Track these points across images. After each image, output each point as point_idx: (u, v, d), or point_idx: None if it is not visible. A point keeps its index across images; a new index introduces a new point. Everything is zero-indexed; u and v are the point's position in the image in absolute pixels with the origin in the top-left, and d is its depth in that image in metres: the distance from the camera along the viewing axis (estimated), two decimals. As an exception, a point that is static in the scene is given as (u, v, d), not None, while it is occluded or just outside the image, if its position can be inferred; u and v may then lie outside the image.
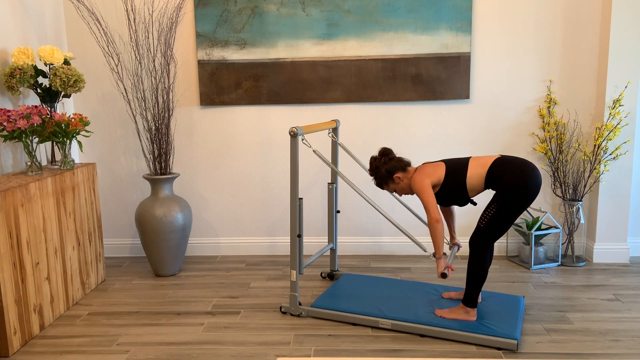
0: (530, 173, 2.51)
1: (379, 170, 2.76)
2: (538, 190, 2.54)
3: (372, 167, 2.80)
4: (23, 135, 2.81)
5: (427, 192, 2.59)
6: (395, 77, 3.62)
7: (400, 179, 2.73)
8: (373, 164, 2.79)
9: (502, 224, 2.55)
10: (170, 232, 3.40)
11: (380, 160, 2.77)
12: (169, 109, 3.48)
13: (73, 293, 3.08)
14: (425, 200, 2.59)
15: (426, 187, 2.60)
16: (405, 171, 2.74)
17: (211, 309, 2.99)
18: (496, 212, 2.53)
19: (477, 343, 2.52)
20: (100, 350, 2.54)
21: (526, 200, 2.51)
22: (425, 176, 2.64)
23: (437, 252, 2.61)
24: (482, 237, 2.59)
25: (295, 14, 3.58)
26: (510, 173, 2.51)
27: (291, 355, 2.46)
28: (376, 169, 2.77)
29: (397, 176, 2.73)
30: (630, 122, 3.52)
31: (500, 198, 2.52)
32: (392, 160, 2.75)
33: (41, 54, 3.01)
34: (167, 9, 3.61)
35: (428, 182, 2.61)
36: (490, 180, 2.57)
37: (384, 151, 2.78)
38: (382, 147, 2.80)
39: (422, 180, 2.62)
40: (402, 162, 2.75)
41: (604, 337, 2.58)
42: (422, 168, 2.71)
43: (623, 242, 3.64)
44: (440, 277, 2.61)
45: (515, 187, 2.48)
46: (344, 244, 3.89)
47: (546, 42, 3.58)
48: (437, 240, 2.59)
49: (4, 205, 2.45)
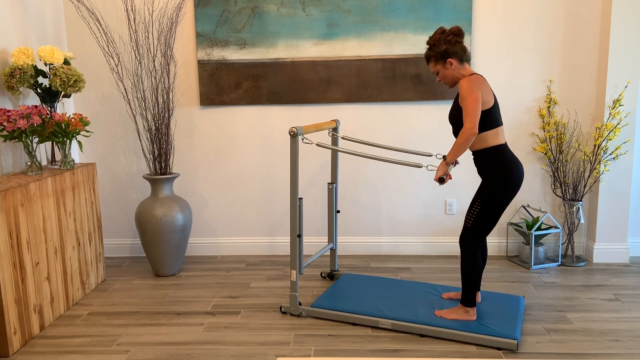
0: (516, 162, 2.55)
1: (439, 45, 2.54)
2: (520, 181, 2.55)
3: (435, 37, 2.57)
4: (23, 135, 2.81)
5: (476, 100, 2.42)
6: (395, 77, 3.62)
7: (453, 67, 2.55)
8: (438, 35, 2.57)
9: (488, 219, 2.56)
10: (170, 232, 3.40)
11: (447, 35, 2.54)
12: (169, 109, 3.48)
13: (73, 293, 3.08)
14: (471, 107, 2.42)
15: (476, 97, 2.43)
16: (462, 64, 2.56)
17: (211, 309, 2.99)
18: (481, 208, 2.55)
19: (477, 343, 2.52)
20: (100, 350, 2.54)
21: (508, 190, 2.52)
22: (477, 87, 2.46)
23: (449, 156, 2.50)
24: (470, 235, 2.60)
25: (295, 14, 3.58)
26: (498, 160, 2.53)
27: (291, 355, 2.46)
28: (438, 41, 2.55)
29: (451, 61, 2.54)
30: (630, 122, 3.52)
31: (483, 190, 2.55)
32: (458, 44, 2.54)
33: (41, 54, 3.01)
34: (167, 9, 3.61)
35: (479, 94, 2.45)
36: (482, 154, 2.56)
37: (457, 31, 2.54)
38: (458, 26, 2.56)
39: (472, 88, 2.45)
40: (466, 53, 2.56)
41: (604, 337, 2.58)
42: (478, 79, 2.51)
43: (623, 242, 3.64)
44: (437, 181, 2.56)
45: (498, 174, 2.51)
46: (344, 244, 3.89)
47: (546, 42, 3.58)
48: (458, 147, 2.45)
49: (4, 205, 2.45)
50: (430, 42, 2.59)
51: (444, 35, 2.55)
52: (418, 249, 3.86)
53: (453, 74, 2.57)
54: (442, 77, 2.62)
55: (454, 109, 2.60)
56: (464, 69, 2.58)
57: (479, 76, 2.54)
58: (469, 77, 2.52)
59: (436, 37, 2.57)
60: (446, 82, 2.63)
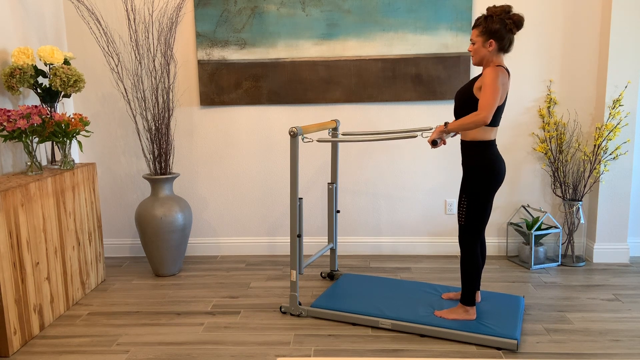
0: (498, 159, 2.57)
1: (493, 21, 2.44)
2: (501, 176, 2.56)
3: (497, 11, 2.45)
4: (23, 135, 2.81)
5: (496, 93, 2.37)
6: (395, 77, 3.62)
7: (490, 49, 2.47)
8: (500, 11, 2.44)
9: (478, 213, 2.57)
10: (170, 232, 3.40)
11: (504, 16, 2.44)
12: (169, 109, 3.48)
13: (73, 293, 3.08)
14: (492, 100, 2.37)
15: (497, 90, 2.38)
16: (498, 52, 2.48)
17: (211, 309, 2.99)
18: (468, 203, 2.58)
19: (477, 343, 2.52)
20: (100, 350, 2.54)
21: (489, 183, 2.53)
22: (501, 81, 2.41)
23: (451, 125, 2.47)
24: (466, 233, 2.61)
25: (295, 14, 3.58)
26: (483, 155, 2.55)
27: (291, 355, 2.46)
28: (492, 17, 2.45)
29: (492, 42, 2.46)
30: (630, 122, 3.52)
31: (465, 183, 2.58)
32: (510, 32, 2.45)
33: (41, 54, 3.01)
34: (167, 9, 3.61)
35: (500, 89, 2.40)
36: (470, 145, 2.57)
37: (518, 20, 2.44)
38: (521, 17, 2.45)
39: (496, 81, 2.39)
40: (511, 43, 2.49)
41: (604, 337, 2.58)
42: (505, 73, 2.45)
43: (623, 242, 3.64)
44: (430, 143, 2.54)
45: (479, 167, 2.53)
46: (344, 244, 3.89)
47: (546, 42, 3.58)
48: (464, 124, 2.42)
49: (4, 205, 2.45)
50: (489, 11, 2.47)
51: (501, 15, 2.44)
52: (418, 249, 3.86)
53: (486, 54, 2.49)
54: (475, 50, 2.53)
55: (466, 89, 2.56)
56: (498, 58, 2.51)
57: (506, 70, 2.49)
58: (498, 67, 2.45)
59: (497, 11, 2.45)
60: (474, 57, 2.55)
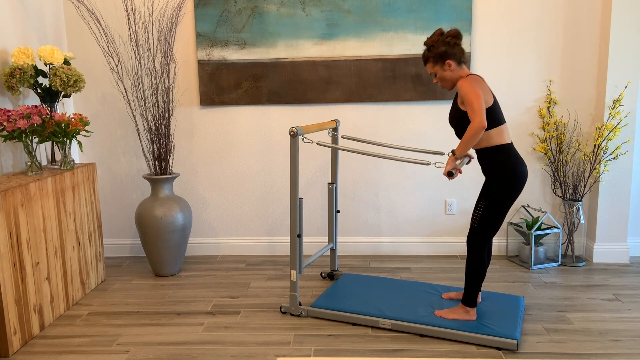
0: (520, 162, 2.55)
1: (438, 46, 2.54)
2: (524, 181, 2.54)
3: (433, 38, 2.56)
4: (23, 135, 2.81)
5: (478, 97, 2.40)
6: (395, 77, 3.62)
7: (451, 68, 2.55)
8: (437, 37, 2.56)
9: (494, 218, 2.56)
10: (170, 232, 3.40)
11: (445, 37, 2.54)
12: (169, 109, 3.48)
13: (73, 293, 3.08)
14: (476, 104, 2.39)
15: (477, 94, 2.41)
16: (460, 66, 2.57)
17: (211, 309, 2.99)
18: (485, 207, 2.55)
19: (477, 343, 2.52)
20: (100, 350, 2.54)
21: (512, 189, 2.52)
22: (477, 85, 2.46)
23: (458, 150, 2.48)
24: (477, 236, 2.60)
25: (295, 14, 3.58)
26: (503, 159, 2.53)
27: (291, 355, 2.46)
28: (436, 42, 2.55)
29: (450, 63, 2.54)
30: (630, 122, 3.52)
31: (487, 189, 2.55)
32: (457, 46, 2.54)
33: (41, 54, 3.01)
34: (167, 9, 3.61)
35: (480, 91, 2.43)
36: (486, 152, 2.55)
37: (456, 33, 2.54)
38: (456, 29, 2.56)
39: (472, 87, 2.43)
40: (463, 55, 2.57)
41: (604, 337, 2.58)
42: (477, 79, 2.52)
43: (623, 242, 3.64)
44: (446, 175, 2.52)
45: (502, 174, 2.51)
46: (344, 244, 3.89)
47: (546, 42, 3.58)
48: (467, 141, 2.43)
49: (4, 205, 2.45)
50: (428, 42, 2.58)
51: (443, 37, 2.55)
52: (418, 249, 3.86)
53: (451, 75, 2.57)
54: (440, 79, 2.61)
55: (453, 110, 2.59)
56: (462, 71, 2.58)
57: (477, 76, 2.55)
58: (467, 77, 2.52)
59: (435, 38, 2.56)
60: (444, 84, 2.62)
